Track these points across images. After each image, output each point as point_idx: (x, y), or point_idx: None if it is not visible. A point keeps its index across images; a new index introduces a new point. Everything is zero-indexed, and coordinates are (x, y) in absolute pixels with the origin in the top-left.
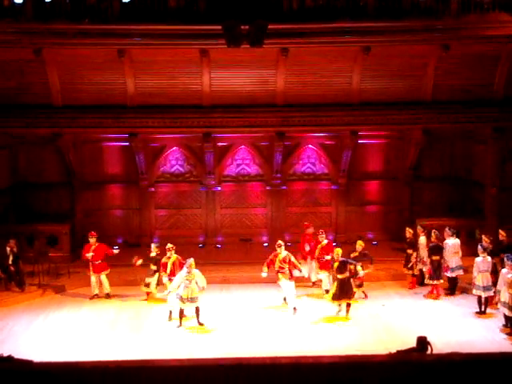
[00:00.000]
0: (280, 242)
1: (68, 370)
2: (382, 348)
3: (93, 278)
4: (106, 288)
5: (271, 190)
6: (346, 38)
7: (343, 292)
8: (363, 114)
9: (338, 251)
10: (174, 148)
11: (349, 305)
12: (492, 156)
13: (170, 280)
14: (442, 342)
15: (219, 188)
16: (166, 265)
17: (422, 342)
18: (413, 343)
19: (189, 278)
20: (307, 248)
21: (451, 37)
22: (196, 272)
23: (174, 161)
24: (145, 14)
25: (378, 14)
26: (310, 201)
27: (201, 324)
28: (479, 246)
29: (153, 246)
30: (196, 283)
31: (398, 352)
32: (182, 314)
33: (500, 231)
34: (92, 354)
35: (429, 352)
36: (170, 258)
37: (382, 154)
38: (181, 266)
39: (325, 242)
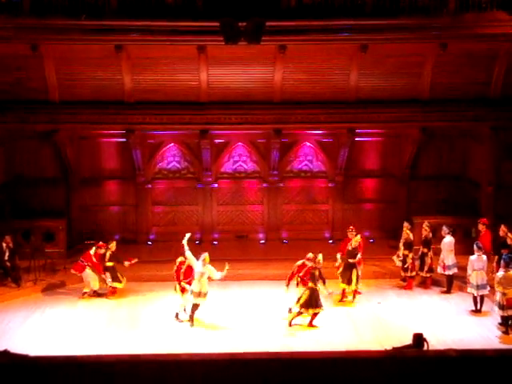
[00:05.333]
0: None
1: (63, 364)
2: (378, 345)
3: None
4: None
5: (268, 187)
6: (344, 35)
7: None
8: (360, 112)
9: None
10: (171, 144)
11: (315, 314)
12: (489, 155)
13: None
14: (438, 340)
15: (216, 185)
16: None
17: (418, 339)
18: (409, 340)
19: (203, 272)
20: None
21: (449, 35)
22: (210, 267)
23: (170, 157)
24: (142, 10)
25: (376, 12)
26: (306, 198)
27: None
28: (475, 245)
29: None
30: (207, 278)
31: (394, 349)
32: (195, 309)
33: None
34: (88, 350)
35: (425, 349)
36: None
37: (378, 152)
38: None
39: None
